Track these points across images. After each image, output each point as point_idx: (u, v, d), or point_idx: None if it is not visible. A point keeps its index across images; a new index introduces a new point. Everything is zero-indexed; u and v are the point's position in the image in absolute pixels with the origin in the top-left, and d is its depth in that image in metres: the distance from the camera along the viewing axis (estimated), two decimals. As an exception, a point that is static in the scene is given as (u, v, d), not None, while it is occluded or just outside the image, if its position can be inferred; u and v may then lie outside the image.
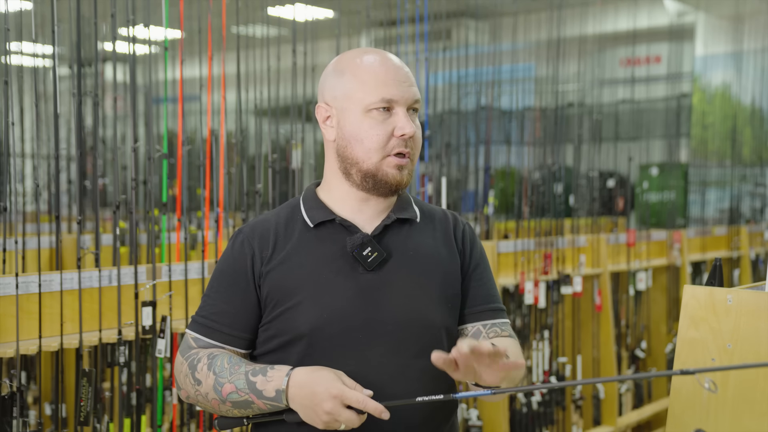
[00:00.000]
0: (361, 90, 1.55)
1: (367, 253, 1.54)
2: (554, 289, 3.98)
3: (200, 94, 3.16)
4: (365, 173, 1.55)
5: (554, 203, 4.36)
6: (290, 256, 1.56)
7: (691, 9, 7.59)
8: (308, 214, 1.60)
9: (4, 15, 2.75)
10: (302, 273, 1.54)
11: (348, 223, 1.58)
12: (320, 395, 1.40)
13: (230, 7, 3.15)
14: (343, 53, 1.64)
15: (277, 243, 1.58)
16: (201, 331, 1.58)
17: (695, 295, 1.69)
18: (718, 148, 6.79)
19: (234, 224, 3.45)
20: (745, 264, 5.56)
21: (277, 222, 1.61)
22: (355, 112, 1.55)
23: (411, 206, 1.65)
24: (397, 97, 1.54)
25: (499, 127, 4.71)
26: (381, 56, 1.59)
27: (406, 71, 1.58)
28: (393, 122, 1.54)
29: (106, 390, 2.89)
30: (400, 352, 1.52)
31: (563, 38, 4.48)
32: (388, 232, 1.59)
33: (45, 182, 4.74)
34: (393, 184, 1.55)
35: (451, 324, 1.61)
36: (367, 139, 1.54)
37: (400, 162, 1.55)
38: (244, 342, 1.58)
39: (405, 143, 1.54)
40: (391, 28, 3.89)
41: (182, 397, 1.59)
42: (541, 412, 3.82)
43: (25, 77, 4.26)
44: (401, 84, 1.55)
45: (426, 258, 1.60)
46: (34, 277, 2.46)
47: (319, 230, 1.58)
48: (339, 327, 1.52)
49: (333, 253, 1.56)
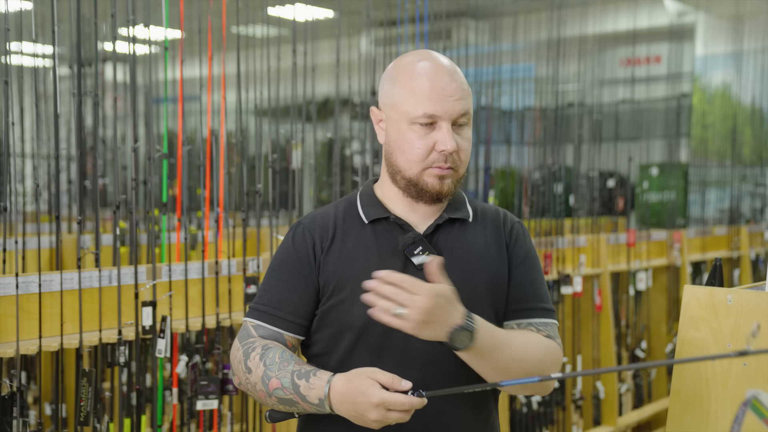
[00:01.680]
0: (406, 102, 1.56)
1: (417, 252, 1.57)
2: (554, 289, 3.98)
3: (200, 94, 3.16)
4: (408, 181, 1.58)
5: (554, 203, 4.37)
6: (346, 249, 1.60)
7: (691, 9, 7.59)
8: (364, 210, 1.63)
9: (4, 15, 2.75)
10: (357, 266, 1.58)
11: (402, 221, 1.61)
12: (362, 405, 1.41)
13: (230, 7, 3.15)
14: (401, 57, 1.64)
15: (335, 235, 1.61)
16: (263, 318, 1.60)
17: (695, 295, 1.69)
18: (718, 148, 6.80)
19: (234, 224, 3.45)
20: (745, 264, 5.56)
21: (336, 215, 1.64)
22: (400, 122, 1.57)
23: (465, 206, 1.67)
24: (440, 113, 1.54)
25: (499, 127, 4.70)
26: (432, 66, 1.57)
27: (457, 84, 1.56)
28: (435, 137, 1.55)
29: (106, 390, 2.90)
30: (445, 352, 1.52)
31: (563, 38, 4.49)
32: (440, 231, 1.62)
33: (45, 182, 4.74)
34: (433, 193, 1.58)
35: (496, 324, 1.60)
36: (409, 151, 1.56)
37: (441, 173, 1.56)
38: (304, 329, 1.61)
39: (445, 158, 1.55)
40: (391, 28, 3.89)
41: (235, 383, 1.62)
42: (541, 412, 3.82)
43: (25, 77, 4.26)
44: (446, 99, 1.54)
45: (475, 257, 1.61)
46: (34, 277, 2.46)
47: (374, 226, 1.62)
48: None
49: (386, 249, 1.59)
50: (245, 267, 2.97)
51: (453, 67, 1.59)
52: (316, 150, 4.20)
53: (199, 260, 2.91)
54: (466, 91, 1.58)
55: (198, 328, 2.84)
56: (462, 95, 1.56)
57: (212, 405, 2.77)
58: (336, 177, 3.61)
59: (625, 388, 4.38)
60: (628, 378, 4.50)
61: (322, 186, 6.23)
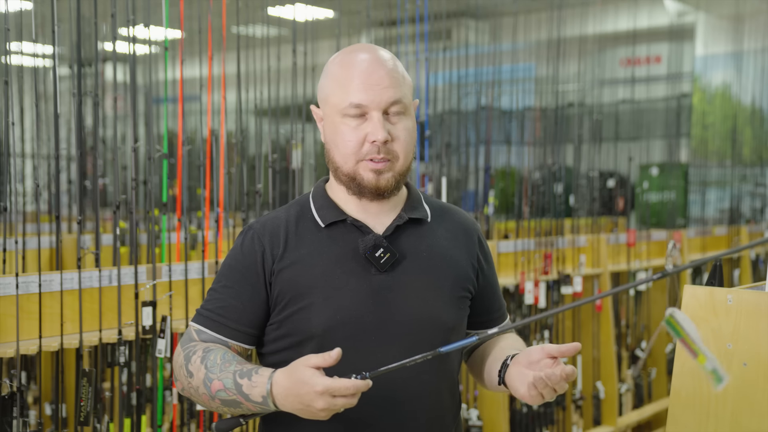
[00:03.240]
0: (334, 94, 1.52)
1: (379, 254, 1.52)
2: (554, 289, 3.98)
3: (200, 94, 3.16)
4: (346, 176, 1.53)
5: (554, 203, 4.37)
6: (302, 256, 1.54)
7: (691, 9, 7.59)
8: (319, 214, 1.58)
9: (4, 15, 2.75)
10: (315, 273, 1.52)
11: (360, 223, 1.55)
12: (307, 396, 1.36)
13: (230, 7, 3.15)
14: (340, 51, 1.61)
15: (288, 241, 1.55)
16: (206, 324, 1.55)
17: (695, 295, 1.68)
18: (719, 148, 6.80)
19: (234, 224, 3.45)
20: (745, 264, 5.56)
21: (288, 220, 1.58)
22: (333, 116, 1.53)
23: (421, 205, 1.62)
24: (367, 102, 1.48)
25: (500, 127, 4.71)
26: (360, 56, 1.52)
27: (384, 72, 1.50)
28: (366, 128, 1.50)
29: (106, 390, 2.89)
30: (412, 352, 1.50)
31: (563, 38, 4.49)
32: (400, 232, 1.57)
33: (45, 182, 4.74)
34: (371, 187, 1.52)
35: (461, 325, 1.61)
36: (341, 145, 1.51)
37: (375, 166, 1.51)
38: (249, 338, 1.56)
39: (378, 149, 1.50)
40: (391, 28, 3.89)
41: (177, 389, 1.57)
42: (541, 412, 3.82)
43: (26, 77, 4.26)
44: (373, 87, 1.48)
45: (438, 258, 1.58)
46: (34, 277, 2.46)
47: (330, 230, 1.56)
48: (352, 328, 1.51)
49: (345, 253, 1.54)
50: (245, 267, 2.97)
51: (386, 56, 1.53)
52: (316, 150, 4.19)
53: (199, 260, 2.91)
54: (397, 80, 1.51)
55: (198, 328, 2.84)
56: (391, 83, 1.50)
57: (212, 405, 2.77)
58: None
59: (625, 388, 4.39)
60: (628, 378, 4.50)
61: (322, 186, 6.21)
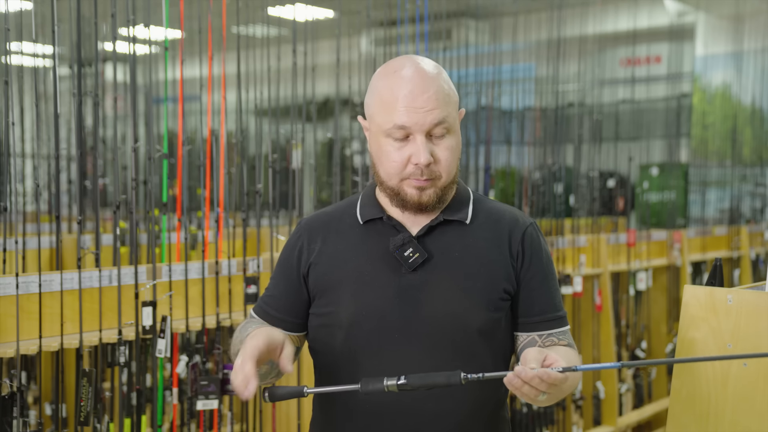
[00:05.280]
0: (379, 114, 1.53)
1: (408, 253, 1.55)
2: (554, 289, 3.97)
3: (200, 94, 3.16)
4: (390, 190, 1.57)
5: (554, 203, 4.37)
6: (338, 251, 1.61)
7: (691, 9, 7.59)
8: (361, 211, 1.63)
9: (4, 15, 2.75)
10: (347, 269, 1.58)
11: (395, 221, 1.59)
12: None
13: (230, 7, 3.15)
14: (387, 64, 1.59)
15: (327, 237, 1.62)
16: (257, 310, 1.68)
17: (695, 295, 1.69)
18: (719, 148, 6.80)
19: (234, 224, 3.45)
20: (745, 264, 5.56)
21: (334, 216, 1.66)
22: (378, 134, 1.55)
23: (465, 207, 1.62)
24: (410, 125, 1.49)
25: (500, 127, 4.70)
26: (405, 76, 1.51)
27: (428, 95, 1.50)
28: (410, 149, 1.51)
29: (106, 390, 2.89)
30: (435, 353, 1.52)
31: (563, 38, 4.48)
32: (434, 233, 1.59)
33: (45, 182, 4.74)
34: (414, 203, 1.55)
35: (494, 328, 1.57)
36: (386, 163, 1.54)
37: (418, 184, 1.53)
38: (291, 325, 1.64)
39: (421, 171, 1.51)
40: (392, 28, 3.89)
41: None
42: (541, 412, 3.82)
43: (26, 77, 4.26)
44: (417, 111, 1.49)
45: (472, 260, 1.57)
46: (34, 277, 2.46)
47: (368, 227, 1.61)
48: (376, 324, 1.54)
49: (378, 251, 1.58)
50: (245, 267, 2.97)
51: (431, 73, 1.52)
52: (316, 150, 4.20)
53: (200, 260, 2.91)
54: (441, 100, 1.51)
55: (198, 328, 2.84)
56: (436, 105, 1.50)
57: (212, 405, 2.77)
58: (336, 177, 3.61)
59: (626, 388, 4.38)
60: (628, 378, 4.50)
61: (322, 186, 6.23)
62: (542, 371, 1.34)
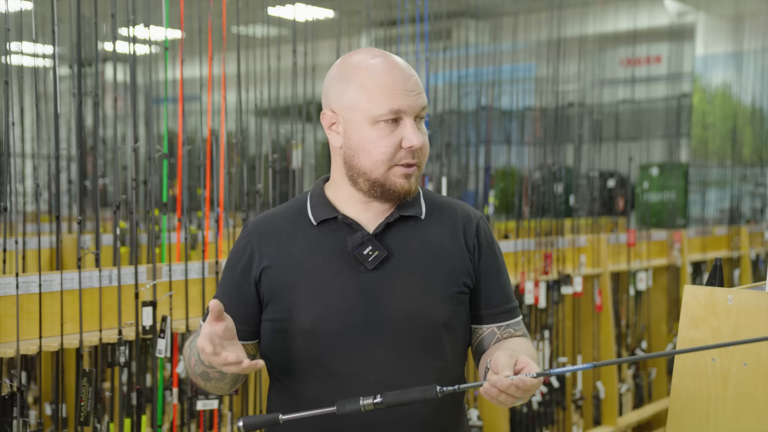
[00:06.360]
0: (368, 101, 1.52)
1: (367, 252, 1.53)
2: (554, 289, 3.98)
3: (200, 94, 3.16)
4: (373, 182, 1.54)
5: (554, 203, 4.37)
6: (292, 253, 1.56)
7: (691, 9, 7.59)
8: (312, 212, 1.59)
9: (4, 15, 2.75)
10: (303, 271, 1.54)
11: (351, 221, 1.56)
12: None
13: (230, 7, 3.15)
14: (347, 56, 1.60)
15: (279, 239, 1.58)
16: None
17: (695, 295, 1.69)
18: (719, 148, 6.80)
19: (234, 224, 3.45)
20: (745, 264, 5.56)
21: (283, 217, 1.61)
22: (362, 122, 1.53)
23: (418, 202, 1.62)
24: (405, 108, 1.51)
25: (500, 127, 4.71)
26: (387, 63, 1.54)
27: (414, 79, 1.54)
28: (400, 133, 1.51)
29: (106, 390, 2.89)
30: (402, 351, 1.51)
31: (563, 38, 4.49)
32: (391, 230, 1.58)
33: (45, 182, 4.74)
34: (401, 193, 1.54)
35: (455, 322, 1.59)
36: (374, 151, 1.52)
37: (407, 171, 1.53)
38: (243, 333, 1.57)
39: (413, 154, 1.52)
40: (392, 28, 3.89)
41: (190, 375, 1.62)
42: (541, 412, 3.82)
43: (26, 77, 4.26)
44: (409, 94, 1.51)
45: (429, 255, 1.58)
46: (34, 277, 2.46)
47: (322, 228, 1.58)
48: (339, 325, 1.52)
49: (334, 251, 1.55)
50: (245, 267, 2.97)
51: (405, 62, 1.57)
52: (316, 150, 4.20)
53: (200, 260, 2.91)
54: (421, 86, 1.56)
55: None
56: (421, 89, 1.55)
57: (212, 405, 2.77)
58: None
59: (626, 388, 4.39)
60: (628, 378, 4.50)
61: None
62: (518, 379, 1.35)
